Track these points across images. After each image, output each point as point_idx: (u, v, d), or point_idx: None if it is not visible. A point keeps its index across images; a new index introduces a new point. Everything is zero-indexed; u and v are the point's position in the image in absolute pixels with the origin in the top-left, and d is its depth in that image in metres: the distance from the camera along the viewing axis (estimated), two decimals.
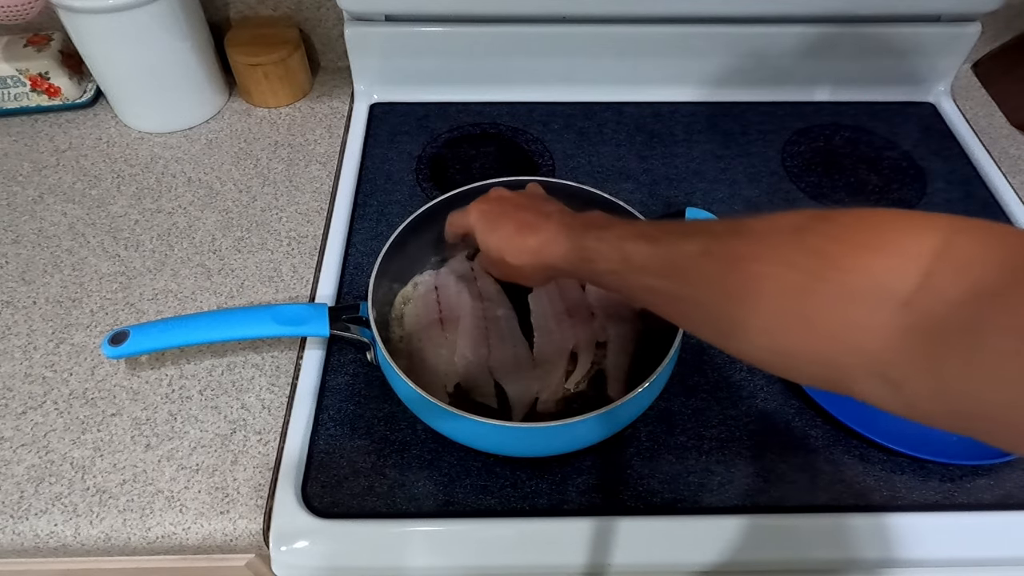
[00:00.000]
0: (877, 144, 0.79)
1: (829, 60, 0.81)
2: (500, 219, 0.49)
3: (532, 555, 0.50)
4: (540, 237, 0.46)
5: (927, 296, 0.28)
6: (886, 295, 0.29)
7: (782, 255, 0.33)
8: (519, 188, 0.54)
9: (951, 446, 0.54)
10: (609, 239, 0.42)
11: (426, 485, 0.52)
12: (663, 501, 0.52)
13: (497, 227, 0.49)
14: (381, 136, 0.79)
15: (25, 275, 0.66)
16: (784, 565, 0.50)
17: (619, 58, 0.81)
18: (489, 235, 0.49)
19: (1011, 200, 0.73)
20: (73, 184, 0.74)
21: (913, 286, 0.28)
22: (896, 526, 0.50)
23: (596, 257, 0.42)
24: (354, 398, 0.57)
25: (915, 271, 0.28)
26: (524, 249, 0.47)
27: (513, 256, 0.47)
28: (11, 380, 0.58)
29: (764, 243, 0.34)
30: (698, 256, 0.37)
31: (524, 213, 0.48)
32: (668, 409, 0.56)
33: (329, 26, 0.85)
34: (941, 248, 0.28)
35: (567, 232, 0.45)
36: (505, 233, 0.48)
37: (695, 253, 0.37)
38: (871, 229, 0.31)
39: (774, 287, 0.32)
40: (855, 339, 0.30)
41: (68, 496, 0.52)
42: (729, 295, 0.34)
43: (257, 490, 0.52)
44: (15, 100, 0.80)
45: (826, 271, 0.31)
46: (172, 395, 0.57)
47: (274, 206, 0.72)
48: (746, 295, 0.33)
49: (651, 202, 0.72)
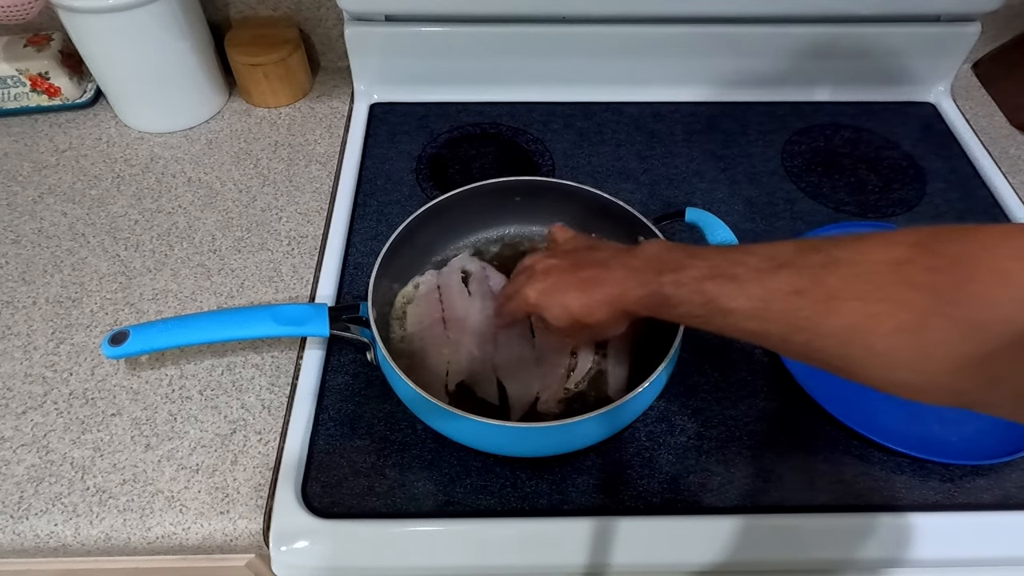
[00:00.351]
0: (877, 144, 0.79)
1: (829, 60, 0.81)
2: (561, 288, 0.47)
3: (532, 555, 0.50)
4: (608, 288, 0.45)
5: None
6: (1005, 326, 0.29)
7: (888, 293, 0.32)
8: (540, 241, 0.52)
9: (951, 446, 0.54)
10: (687, 283, 0.40)
11: (426, 485, 0.52)
12: (663, 501, 0.52)
13: (562, 297, 0.47)
14: (381, 136, 0.79)
15: (25, 275, 0.66)
16: (784, 565, 0.50)
17: (619, 58, 0.81)
18: (557, 308, 0.47)
19: (1011, 200, 0.73)
20: (73, 184, 0.74)
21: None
22: (896, 526, 0.50)
23: (677, 303, 0.41)
24: (354, 398, 0.57)
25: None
26: (596, 305, 0.45)
27: (588, 315, 0.46)
28: (11, 380, 0.58)
29: (863, 280, 0.33)
30: (790, 296, 0.35)
31: (581, 271, 0.47)
32: (668, 409, 0.56)
33: (329, 26, 0.85)
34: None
35: (636, 276, 0.44)
36: (573, 298, 0.46)
37: (785, 292, 0.36)
38: (977, 259, 0.31)
39: (887, 326, 0.32)
40: (981, 368, 0.30)
41: (68, 496, 0.52)
42: (835, 336, 0.34)
43: (257, 490, 0.52)
44: (15, 100, 0.80)
45: (940, 306, 0.30)
46: (172, 395, 0.57)
47: (274, 206, 0.72)
48: (855, 335, 0.33)
49: (651, 202, 0.72)
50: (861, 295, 0.33)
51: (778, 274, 0.36)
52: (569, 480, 0.52)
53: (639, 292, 0.43)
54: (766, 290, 0.37)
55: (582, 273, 0.47)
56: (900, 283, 0.32)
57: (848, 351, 0.34)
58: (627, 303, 0.44)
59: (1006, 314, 0.29)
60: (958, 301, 0.30)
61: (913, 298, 0.31)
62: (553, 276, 0.48)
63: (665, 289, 0.41)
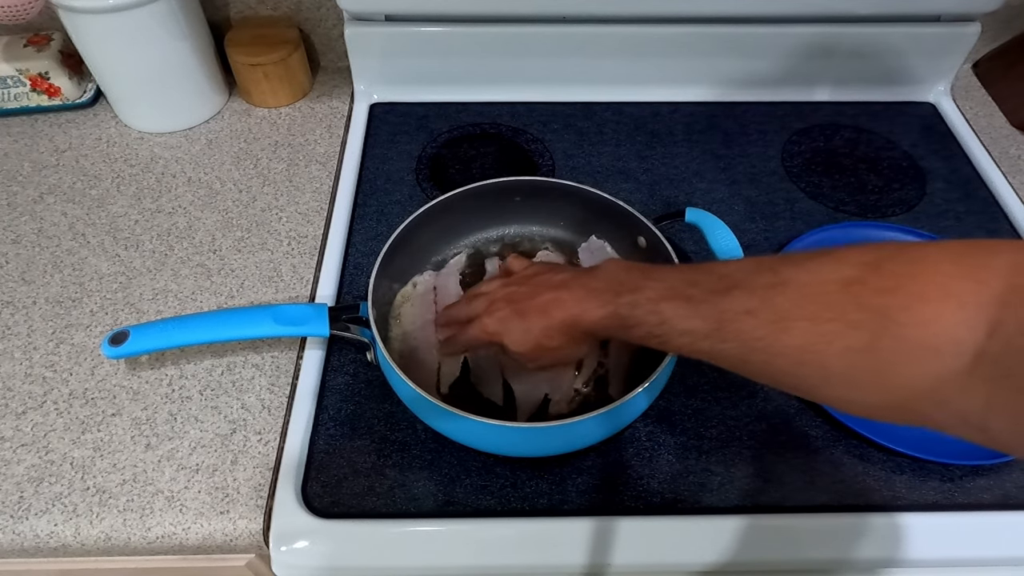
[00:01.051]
0: (877, 144, 0.79)
1: (829, 60, 0.81)
2: (521, 314, 0.47)
3: (532, 555, 0.50)
4: (567, 309, 0.44)
5: (998, 345, 0.28)
6: (955, 348, 0.29)
7: (838, 313, 0.32)
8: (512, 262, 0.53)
9: (951, 446, 0.54)
10: (643, 303, 0.40)
11: (426, 485, 0.52)
12: (663, 501, 0.52)
13: (522, 323, 0.46)
14: (381, 136, 0.79)
15: (25, 275, 0.66)
16: (784, 565, 0.50)
17: (619, 58, 0.81)
18: (518, 334, 0.47)
19: (1011, 200, 0.73)
20: (73, 184, 0.74)
21: (982, 335, 0.28)
22: (896, 526, 0.50)
23: (634, 323, 0.41)
24: (354, 398, 0.57)
25: (982, 321, 0.28)
26: (556, 327, 0.45)
27: (549, 339, 0.45)
28: (11, 380, 0.58)
29: (813, 301, 0.33)
30: (742, 316, 0.35)
31: (542, 296, 0.46)
32: (668, 409, 0.56)
33: (329, 26, 0.85)
34: (1005, 294, 0.28)
35: (596, 297, 0.43)
36: (534, 322, 0.46)
37: (738, 312, 0.36)
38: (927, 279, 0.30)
39: (838, 346, 0.32)
40: (929, 389, 0.30)
41: (68, 496, 0.52)
42: (788, 356, 0.34)
43: (257, 490, 0.52)
44: (15, 100, 0.80)
45: (890, 327, 0.30)
46: (172, 395, 0.57)
47: (274, 206, 0.72)
48: (807, 355, 0.33)
49: (651, 202, 0.72)
50: (810, 315, 0.33)
51: (731, 294, 0.36)
52: (569, 480, 0.52)
53: (598, 313, 0.43)
54: (719, 311, 0.37)
55: (542, 297, 0.46)
56: (850, 303, 0.32)
57: (801, 371, 0.34)
58: (587, 324, 0.44)
59: (956, 335, 0.29)
60: (909, 323, 0.30)
61: (863, 319, 0.31)
62: (514, 303, 0.47)
63: (622, 310, 0.41)
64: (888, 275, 0.32)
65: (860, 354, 0.31)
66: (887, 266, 0.32)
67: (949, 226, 0.71)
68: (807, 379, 0.34)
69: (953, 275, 0.30)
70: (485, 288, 0.51)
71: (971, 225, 0.71)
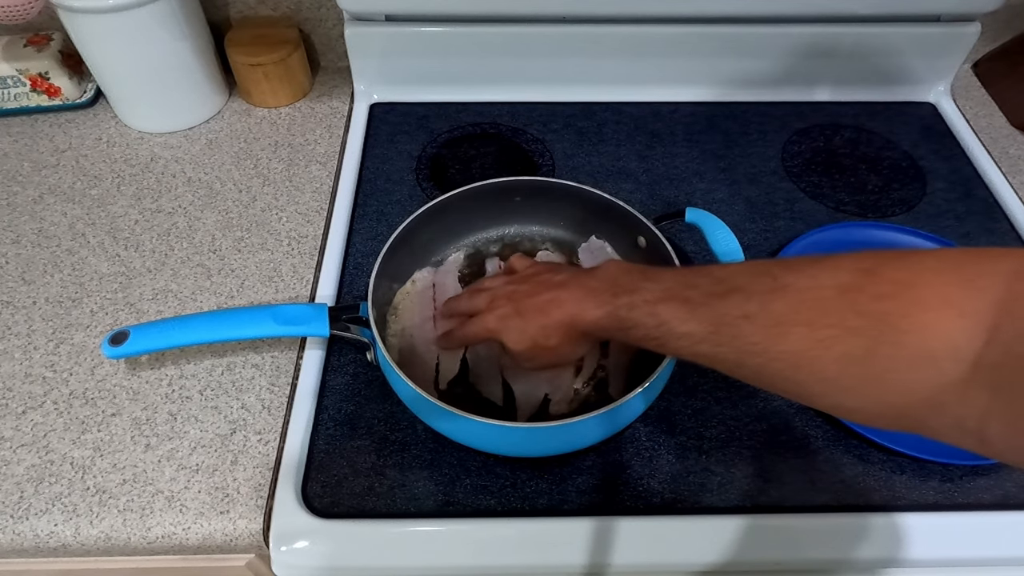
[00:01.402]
0: (877, 144, 0.79)
1: (829, 60, 0.81)
2: (521, 312, 0.47)
3: (532, 555, 0.50)
4: (567, 308, 0.44)
5: (996, 353, 0.27)
6: (954, 355, 0.28)
7: (835, 320, 0.32)
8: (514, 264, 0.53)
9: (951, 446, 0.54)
10: (640, 305, 0.40)
11: (426, 485, 0.52)
12: (663, 501, 0.52)
13: (521, 321, 0.47)
14: (381, 136, 0.79)
15: (25, 275, 0.66)
16: (784, 565, 0.50)
17: (619, 58, 0.81)
18: (516, 333, 0.47)
19: (1011, 200, 0.73)
20: (73, 184, 0.74)
21: (980, 343, 0.28)
22: (896, 526, 0.50)
23: (631, 325, 0.41)
24: (354, 398, 0.57)
25: (980, 328, 0.28)
26: (553, 327, 0.45)
27: (546, 338, 0.45)
28: (11, 380, 0.58)
29: (811, 307, 0.33)
30: (739, 320, 0.35)
31: (542, 295, 0.46)
32: (668, 409, 0.56)
33: (329, 26, 0.85)
34: (1004, 300, 0.28)
35: (594, 297, 0.43)
36: (530, 321, 0.46)
37: (735, 316, 0.35)
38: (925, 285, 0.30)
39: (834, 352, 0.32)
40: (927, 397, 0.30)
41: (68, 496, 0.52)
42: (784, 361, 0.34)
43: (257, 490, 0.52)
44: (15, 100, 0.80)
45: (889, 333, 0.30)
46: (172, 395, 0.57)
47: (274, 206, 0.72)
48: (803, 360, 0.33)
49: (651, 202, 0.72)
50: (807, 321, 0.33)
51: (729, 298, 0.36)
52: (569, 480, 0.52)
53: (596, 313, 0.43)
54: (717, 314, 0.36)
55: (541, 297, 0.46)
56: (847, 309, 0.32)
57: (798, 376, 0.34)
58: (584, 324, 0.44)
59: (955, 343, 0.29)
60: (908, 329, 0.30)
61: (862, 325, 0.31)
62: (515, 301, 0.48)
63: (620, 311, 0.41)
64: (887, 281, 0.31)
65: (858, 360, 0.31)
66: (886, 272, 0.32)
67: (949, 226, 0.71)
68: (804, 385, 0.34)
69: (953, 282, 0.30)
70: (488, 284, 0.51)
71: (971, 225, 0.71)
